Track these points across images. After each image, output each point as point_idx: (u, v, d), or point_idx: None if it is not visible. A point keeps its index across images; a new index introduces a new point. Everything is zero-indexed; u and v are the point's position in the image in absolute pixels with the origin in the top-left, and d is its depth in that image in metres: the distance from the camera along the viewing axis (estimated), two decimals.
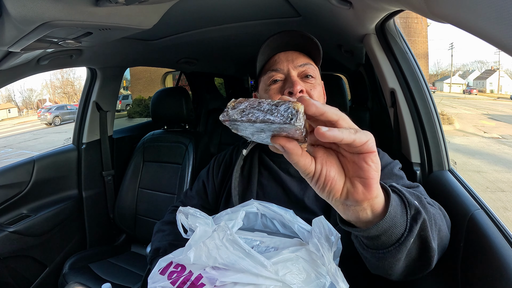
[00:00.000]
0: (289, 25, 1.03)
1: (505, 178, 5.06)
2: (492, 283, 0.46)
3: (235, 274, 0.42)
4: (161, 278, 0.48)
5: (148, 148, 1.57)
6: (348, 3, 0.73)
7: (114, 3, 0.54)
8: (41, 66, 1.08)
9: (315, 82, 0.68)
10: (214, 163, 0.86)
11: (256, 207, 0.57)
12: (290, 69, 0.67)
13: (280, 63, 0.68)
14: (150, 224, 1.48)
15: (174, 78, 7.43)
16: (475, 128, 10.33)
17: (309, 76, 0.68)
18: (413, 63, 0.87)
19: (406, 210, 0.39)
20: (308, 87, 0.67)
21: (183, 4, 0.74)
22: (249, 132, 0.35)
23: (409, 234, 0.38)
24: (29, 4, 0.50)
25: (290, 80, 0.65)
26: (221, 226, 0.47)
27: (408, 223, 0.39)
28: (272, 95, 0.67)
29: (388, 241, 0.39)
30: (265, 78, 0.70)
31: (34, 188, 1.34)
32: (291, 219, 0.53)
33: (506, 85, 34.65)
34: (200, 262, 0.45)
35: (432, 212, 0.45)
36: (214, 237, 0.46)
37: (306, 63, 0.68)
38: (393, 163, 0.68)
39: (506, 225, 0.52)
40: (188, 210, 0.54)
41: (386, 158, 0.71)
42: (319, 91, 0.69)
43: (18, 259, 1.26)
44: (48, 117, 14.53)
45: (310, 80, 0.68)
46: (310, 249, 0.46)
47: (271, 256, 0.45)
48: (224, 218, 0.57)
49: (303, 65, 0.68)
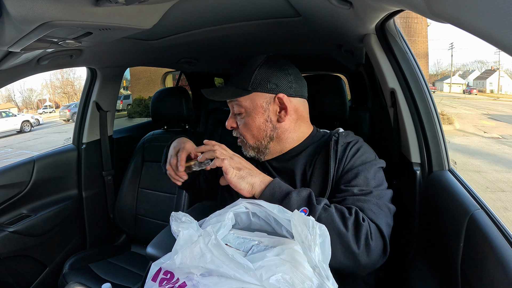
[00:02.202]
0: (289, 25, 1.03)
1: (505, 178, 5.06)
2: (492, 283, 0.46)
3: (219, 279, 0.42)
4: (153, 285, 0.48)
5: (148, 148, 1.57)
6: (348, 3, 0.73)
7: (114, 3, 0.53)
8: (41, 66, 1.08)
9: (244, 116, 0.79)
10: None
11: (244, 207, 0.57)
12: (230, 106, 0.82)
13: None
14: (150, 224, 1.48)
15: (174, 78, 7.44)
16: (475, 128, 10.34)
17: (237, 113, 0.80)
18: (413, 63, 0.87)
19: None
20: (239, 122, 0.80)
21: (183, 4, 0.74)
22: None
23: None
24: (29, 4, 0.50)
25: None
26: (207, 230, 0.48)
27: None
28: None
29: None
30: None
31: (34, 188, 1.34)
32: (279, 215, 0.54)
33: (506, 85, 34.65)
34: (185, 267, 0.46)
35: (321, 218, 0.59)
36: (199, 242, 0.47)
37: (232, 100, 0.79)
38: (362, 167, 0.70)
39: (506, 225, 0.52)
40: (178, 215, 0.55)
41: (356, 161, 0.72)
42: (248, 122, 0.78)
43: (18, 259, 1.26)
44: (67, 114, 15.98)
45: (239, 117, 0.80)
46: (295, 249, 0.46)
47: (256, 259, 0.45)
48: (212, 221, 0.56)
49: (230, 102, 0.81)
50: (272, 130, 0.78)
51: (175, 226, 0.52)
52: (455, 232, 0.59)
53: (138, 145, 1.61)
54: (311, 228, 0.46)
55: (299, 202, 0.62)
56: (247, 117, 0.78)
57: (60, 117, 17.04)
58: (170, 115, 1.53)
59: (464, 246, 0.56)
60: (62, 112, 16.78)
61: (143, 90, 12.79)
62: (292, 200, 0.62)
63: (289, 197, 0.63)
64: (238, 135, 0.81)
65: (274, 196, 0.65)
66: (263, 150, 0.79)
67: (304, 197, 0.63)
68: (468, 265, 0.54)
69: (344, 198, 0.66)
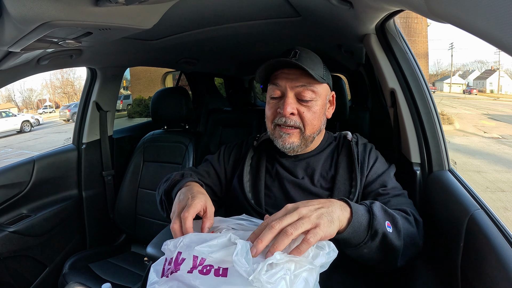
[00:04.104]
0: (289, 25, 1.03)
1: (505, 178, 5.06)
2: (492, 283, 0.46)
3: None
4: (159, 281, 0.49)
5: (148, 148, 1.56)
6: (348, 3, 0.73)
7: (114, 3, 0.53)
8: (41, 66, 1.08)
9: (311, 105, 0.73)
10: (225, 151, 0.92)
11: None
12: (287, 89, 0.72)
13: (280, 80, 0.73)
14: (150, 224, 1.48)
15: (174, 78, 7.43)
16: (475, 128, 10.33)
17: (304, 100, 0.73)
18: (413, 63, 0.87)
19: (368, 230, 0.55)
20: (302, 109, 0.72)
21: (183, 4, 0.74)
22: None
23: (365, 244, 0.55)
24: (29, 4, 0.50)
25: (283, 100, 0.72)
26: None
27: (367, 238, 0.55)
28: (269, 108, 0.76)
29: (360, 237, 0.54)
30: (268, 89, 0.77)
31: (34, 188, 1.34)
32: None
33: (506, 85, 34.64)
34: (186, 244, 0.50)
35: (401, 225, 0.59)
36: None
37: (304, 85, 0.72)
38: (387, 172, 0.76)
39: (506, 225, 0.52)
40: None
41: (380, 166, 0.77)
42: (313, 113, 0.73)
43: (18, 259, 1.26)
44: (67, 114, 15.91)
45: (305, 104, 0.73)
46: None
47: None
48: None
49: (300, 86, 0.72)
50: (323, 124, 0.79)
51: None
52: (455, 232, 0.59)
53: (138, 145, 1.61)
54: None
55: (383, 217, 0.57)
56: (315, 105, 0.74)
57: (60, 117, 17.06)
58: (170, 115, 1.53)
59: (464, 246, 0.56)
60: (62, 112, 16.80)
61: (143, 90, 12.79)
62: (378, 219, 0.55)
63: (374, 217, 0.56)
64: (293, 122, 0.73)
65: (361, 224, 0.55)
66: (309, 143, 0.77)
67: (383, 209, 0.59)
68: (468, 265, 0.54)
69: (388, 200, 0.69)
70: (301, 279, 0.43)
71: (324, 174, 0.76)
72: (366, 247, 0.55)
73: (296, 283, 0.42)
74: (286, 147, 0.75)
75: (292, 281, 0.42)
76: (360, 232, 0.54)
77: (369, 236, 0.54)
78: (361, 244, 0.55)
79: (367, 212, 0.56)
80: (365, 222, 0.55)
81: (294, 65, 0.70)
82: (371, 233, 0.54)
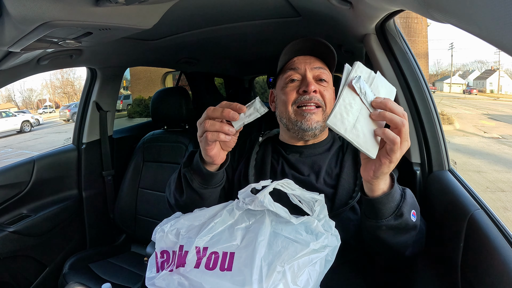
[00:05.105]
0: (289, 25, 1.03)
1: (505, 178, 5.06)
2: (492, 283, 0.46)
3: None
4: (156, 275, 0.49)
5: (148, 148, 1.56)
6: (348, 3, 0.73)
7: (114, 3, 0.53)
8: (41, 66, 1.08)
9: (328, 86, 0.78)
10: None
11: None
12: (307, 70, 0.76)
13: (298, 64, 0.78)
14: (150, 224, 1.48)
15: (174, 78, 7.42)
16: (475, 128, 10.33)
17: (322, 80, 0.77)
18: (413, 63, 0.87)
19: (396, 209, 0.56)
20: (322, 89, 0.76)
21: (183, 4, 0.74)
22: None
23: (387, 221, 0.56)
24: (29, 4, 0.50)
25: (305, 80, 0.75)
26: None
27: (392, 215, 0.56)
28: (288, 92, 0.77)
29: (387, 211, 0.56)
30: (283, 77, 0.79)
31: (34, 188, 1.34)
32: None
33: (506, 85, 34.63)
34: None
35: (419, 220, 0.60)
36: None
37: (321, 67, 0.78)
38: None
39: (506, 225, 0.52)
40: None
41: None
42: (331, 94, 0.78)
43: (18, 259, 1.26)
44: (67, 114, 15.91)
45: (323, 84, 0.77)
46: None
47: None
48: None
49: (318, 68, 0.78)
50: None
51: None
52: (455, 232, 0.59)
53: (138, 145, 1.61)
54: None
55: (411, 204, 0.59)
56: (329, 88, 0.79)
57: (60, 117, 17.05)
58: (170, 115, 1.53)
59: (464, 246, 0.56)
60: (62, 112, 16.82)
61: (143, 90, 12.78)
62: (407, 204, 0.58)
63: (405, 201, 0.58)
64: (316, 99, 0.74)
65: (395, 199, 0.57)
66: (323, 128, 0.77)
67: (413, 198, 0.62)
68: (468, 265, 0.54)
69: None
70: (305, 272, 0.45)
71: (330, 171, 0.78)
72: (386, 225, 0.56)
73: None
74: (312, 127, 0.74)
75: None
76: (389, 207, 0.56)
77: (394, 215, 0.56)
78: (385, 219, 0.56)
79: (400, 195, 0.58)
80: (398, 201, 0.57)
81: (323, 44, 0.77)
82: (397, 213, 0.56)
